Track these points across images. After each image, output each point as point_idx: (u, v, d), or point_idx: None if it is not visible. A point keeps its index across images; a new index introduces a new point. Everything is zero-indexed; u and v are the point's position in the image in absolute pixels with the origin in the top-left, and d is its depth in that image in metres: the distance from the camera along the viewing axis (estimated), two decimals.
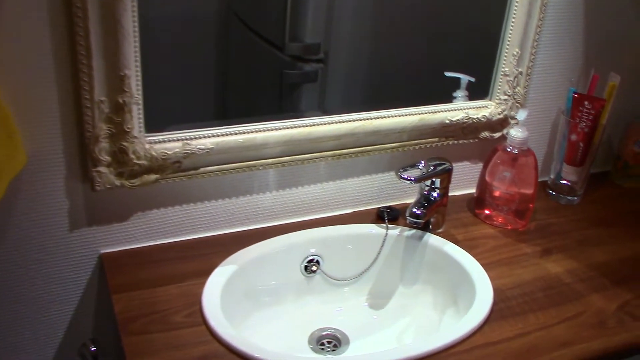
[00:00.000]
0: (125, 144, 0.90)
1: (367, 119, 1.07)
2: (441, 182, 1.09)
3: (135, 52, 0.87)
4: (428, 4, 1.15)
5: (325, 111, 1.11)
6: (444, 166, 1.08)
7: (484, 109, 1.16)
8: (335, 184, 1.13)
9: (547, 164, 1.31)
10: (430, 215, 1.08)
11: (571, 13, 1.17)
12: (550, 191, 1.27)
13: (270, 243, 1.05)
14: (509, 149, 1.12)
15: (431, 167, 1.07)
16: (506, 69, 1.14)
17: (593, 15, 1.19)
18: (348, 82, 1.17)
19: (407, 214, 1.04)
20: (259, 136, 1.00)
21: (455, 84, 1.17)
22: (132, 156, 0.91)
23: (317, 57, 1.11)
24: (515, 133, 1.11)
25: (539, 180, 1.31)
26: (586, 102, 1.17)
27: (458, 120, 1.14)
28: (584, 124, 1.18)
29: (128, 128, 0.89)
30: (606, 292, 1.02)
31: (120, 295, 0.92)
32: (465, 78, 1.18)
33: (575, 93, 1.18)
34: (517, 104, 1.18)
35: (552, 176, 1.27)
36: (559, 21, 1.17)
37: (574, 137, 1.19)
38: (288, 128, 1.02)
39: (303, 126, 1.03)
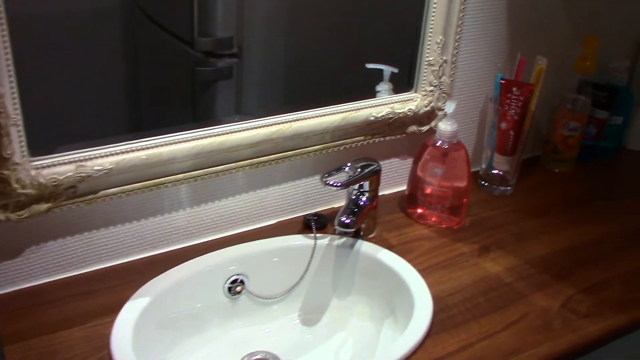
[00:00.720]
0: (5, 172, 0.78)
1: (286, 122, 0.98)
2: (370, 185, 1.01)
3: (7, 64, 0.74)
4: None
5: (243, 112, 1.02)
6: (371, 167, 1.00)
7: (409, 102, 1.09)
8: (256, 194, 1.03)
9: (478, 154, 1.26)
10: (361, 221, 1.00)
11: None
12: (483, 182, 1.22)
13: (187, 266, 0.94)
14: (438, 144, 1.06)
15: (358, 170, 0.99)
16: (430, 58, 1.07)
17: (518, 0, 1.14)
18: (265, 77, 1.08)
19: (336, 223, 0.96)
20: (165, 150, 0.89)
21: (379, 76, 1.10)
22: (16, 185, 0.79)
23: (231, 52, 1.02)
24: (444, 126, 1.04)
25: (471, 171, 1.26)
26: (514, 89, 1.11)
27: (383, 116, 1.06)
28: (514, 111, 1.12)
29: (7, 154, 0.77)
30: (548, 289, 0.97)
31: (14, 347, 0.80)
32: (388, 69, 1.10)
33: (502, 79, 1.13)
34: (444, 94, 1.11)
35: (483, 166, 1.22)
36: (482, 5, 1.10)
37: (504, 125, 1.14)
38: (198, 139, 0.91)
39: (215, 135, 0.92)
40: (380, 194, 1.15)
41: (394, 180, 1.18)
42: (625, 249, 1.07)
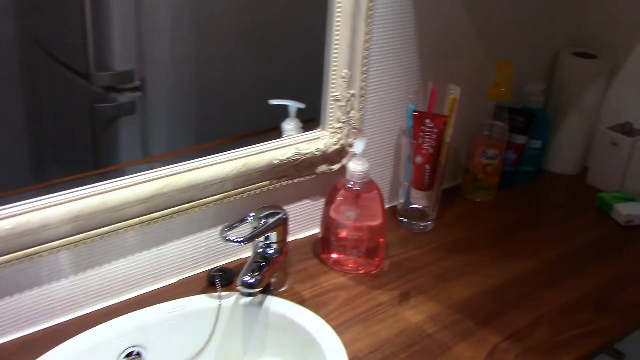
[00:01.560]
0: None
1: (178, 174, 0.88)
2: (277, 236, 0.92)
3: None
4: (251, 21, 0.98)
5: (150, 152, 0.94)
6: (278, 216, 0.92)
7: (317, 141, 1.01)
8: (151, 253, 0.93)
9: (395, 189, 1.19)
10: (269, 277, 0.91)
11: (400, 23, 1.04)
12: (401, 218, 1.15)
13: (72, 343, 0.83)
14: (349, 185, 0.98)
15: (263, 221, 0.90)
16: (337, 93, 0.99)
17: (424, 24, 1.08)
18: (173, 112, 0.98)
19: (239, 283, 0.87)
20: (35, 217, 0.77)
21: (285, 112, 1.01)
22: None
23: (132, 86, 0.92)
24: (354, 167, 0.97)
25: (389, 206, 1.19)
26: (427, 120, 1.05)
27: (289, 158, 0.97)
28: (428, 144, 1.06)
29: None
30: (473, 337, 0.90)
31: None
32: (293, 105, 1.02)
33: (415, 111, 1.06)
34: (354, 130, 1.04)
35: (401, 200, 1.15)
36: (388, 35, 1.04)
37: (419, 159, 1.07)
38: (74, 200, 0.80)
39: (94, 195, 0.82)
40: (292, 238, 1.07)
41: (306, 223, 1.09)
42: (548, 285, 1.02)
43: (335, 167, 1.05)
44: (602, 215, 1.22)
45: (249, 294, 0.87)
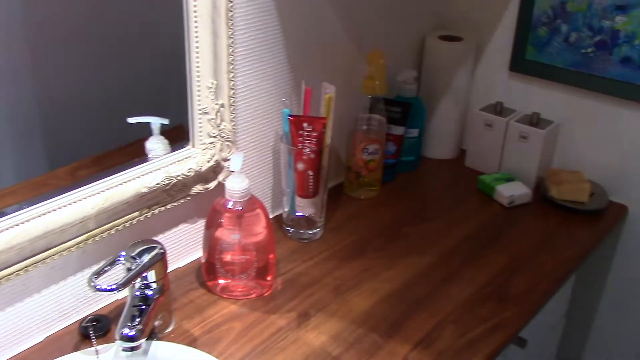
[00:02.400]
0: None
1: (28, 221, 0.75)
2: (156, 274, 0.81)
3: None
4: (100, 24, 0.85)
5: None
6: (153, 252, 0.81)
7: (188, 160, 0.91)
8: (6, 313, 0.79)
9: (278, 197, 1.11)
10: (151, 323, 0.80)
11: (265, 24, 0.96)
12: (288, 227, 1.08)
13: None
14: (230, 206, 0.89)
15: (137, 261, 0.79)
16: (204, 106, 0.90)
17: (290, 22, 1.00)
18: (16, 134, 0.83)
19: (117, 336, 0.76)
20: None
21: (148, 130, 0.90)
22: None
23: None
24: (233, 185, 0.88)
25: (274, 215, 1.12)
26: (305, 124, 0.98)
27: (158, 184, 0.87)
28: (308, 149, 0.99)
29: None
30: (380, 352, 0.85)
31: None
32: (156, 121, 0.91)
33: (290, 115, 0.99)
34: (228, 143, 0.94)
35: (286, 209, 1.07)
36: (253, 35, 0.95)
37: (300, 166, 1.00)
38: None
39: None
40: (173, 267, 0.97)
41: (187, 249, 0.99)
42: (447, 280, 0.99)
43: (212, 185, 0.95)
44: (485, 198, 1.22)
45: (131, 349, 0.76)
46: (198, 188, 0.94)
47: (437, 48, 1.28)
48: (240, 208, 0.89)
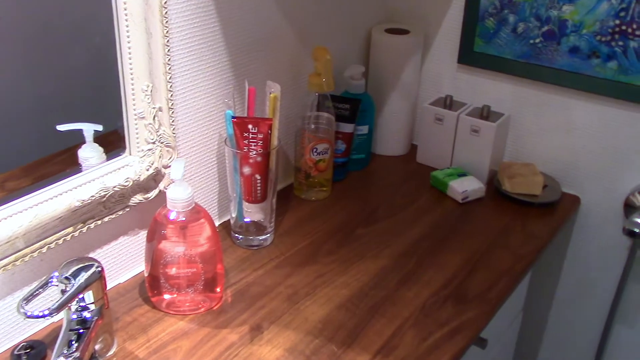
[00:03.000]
0: None
1: None
2: (94, 294, 0.75)
3: None
4: (27, 23, 0.77)
5: None
6: (90, 271, 0.75)
7: (125, 170, 0.84)
8: None
9: (224, 203, 1.06)
10: (91, 349, 0.74)
11: (203, 21, 0.90)
12: (236, 234, 1.02)
13: None
14: (172, 217, 0.83)
15: (71, 282, 0.73)
16: (140, 110, 0.83)
17: (229, 19, 0.95)
18: None
19: None
20: None
21: (81, 137, 0.84)
22: None
23: None
24: (175, 195, 0.82)
25: (220, 222, 1.06)
26: (250, 126, 0.93)
27: (93, 197, 0.80)
28: (255, 152, 0.94)
29: None
30: None
31: None
32: (89, 128, 0.85)
33: (234, 117, 0.93)
34: (168, 149, 0.89)
35: (233, 215, 1.02)
36: (191, 34, 0.89)
37: (247, 170, 0.95)
38: None
39: None
40: (114, 284, 0.90)
41: (128, 263, 0.93)
42: (404, 282, 0.95)
43: (152, 194, 0.89)
44: (438, 194, 1.19)
45: None
46: (138, 198, 0.88)
47: (383, 42, 1.25)
48: (184, 219, 0.83)
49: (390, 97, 1.27)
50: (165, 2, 0.82)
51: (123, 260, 0.92)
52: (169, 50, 0.84)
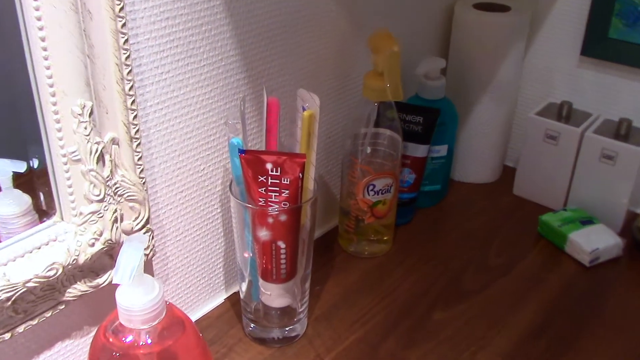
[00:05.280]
0: None
1: None
2: None
3: None
4: None
5: None
6: None
7: (53, 247, 0.49)
8: None
9: (232, 266, 0.71)
10: None
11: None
12: (250, 323, 0.67)
13: None
14: (129, 340, 0.47)
15: None
16: (72, 149, 0.48)
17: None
18: None
19: None
20: None
21: None
22: None
23: None
24: (129, 302, 0.46)
25: (229, 295, 0.71)
26: (270, 166, 0.56)
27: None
28: (277, 207, 0.58)
29: None
30: None
31: None
32: (4, 168, 0.51)
33: (242, 151, 0.57)
34: (133, 204, 0.53)
35: (243, 289, 0.66)
36: (170, 10, 0.53)
37: (265, 234, 0.59)
38: None
39: None
40: None
41: None
42: None
43: (103, 280, 0.54)
44: (551, 250, 0.81)
45: None
46: (79, 288, 0.53)
47: (471, 22, 0.86)
48: (149, 341, 0.48)
49: (478, 103, 0.89)
50: None
51: None
52: (126, 40, 0.48)
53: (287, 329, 0.66)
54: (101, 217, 0.51)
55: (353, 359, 0.64)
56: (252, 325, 0.67)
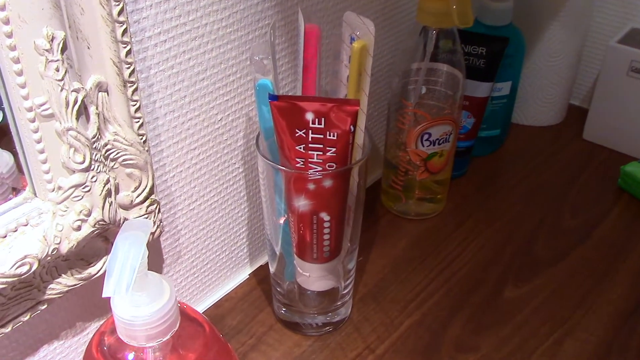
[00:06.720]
0: None
1: None
2: None
3: None
4: None
5: None
6: None
7: (25, 233, 0.36)
8: None
9: (260, 237, 0.58)
10: None
11: None
12: (282, 306, 0.54)
13: None
14: (131, 358, 0.35)
15: None
16: (40, 101, 0.34)
17: None
18: None
19: None
20: None
21: None
22: None
23: None
24: (128, 314, 0.33)
25: (254, 269, 0.59)
26: (311, 115, 0.42)
27: None
28: (320, 171, 0.44)
29: None
30: None
31: None
32: None
33: (274, 97, 0.43)
34: (132, 169, 0.40)
35: (272, 270, 0.54)
36: None
37: (303, 204, 0.45)
38: None
39: None
40: None
41: None
42: None
43: (99, 267, 0.41)
44: (636, 206, 0.68)
45: None
46: (65, 283, 0.40)
47: None
48: (158, 354, 0.35)
49: (547, 29, 0.73)
50: None
51: None
52: None
53: (326, 317, 0.54)
54: (88, 191, 0.37)
55: (412, 351, 0.52)
56: (284, 309, 0.55)
